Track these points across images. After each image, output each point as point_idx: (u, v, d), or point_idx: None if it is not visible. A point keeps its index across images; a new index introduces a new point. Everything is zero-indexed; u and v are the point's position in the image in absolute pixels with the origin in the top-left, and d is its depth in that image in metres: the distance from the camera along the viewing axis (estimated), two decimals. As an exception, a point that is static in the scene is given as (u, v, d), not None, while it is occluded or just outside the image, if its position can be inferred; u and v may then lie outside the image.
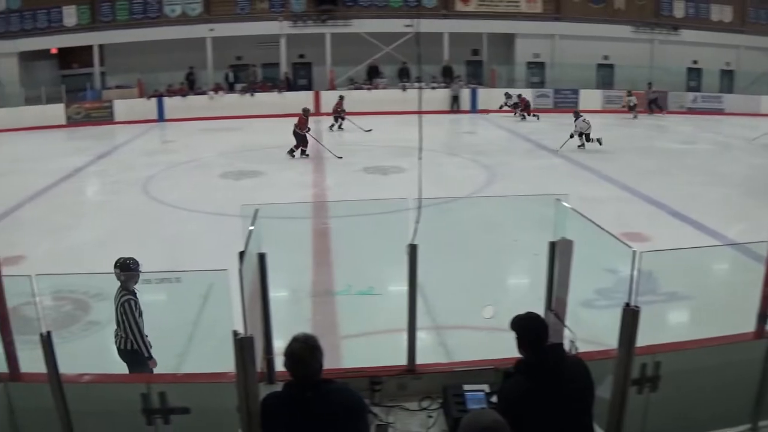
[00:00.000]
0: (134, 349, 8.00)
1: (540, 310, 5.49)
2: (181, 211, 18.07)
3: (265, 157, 25.20)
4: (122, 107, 36.99)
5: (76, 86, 38.30)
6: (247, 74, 40.15)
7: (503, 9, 39.82)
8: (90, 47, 39.15)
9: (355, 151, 26.19)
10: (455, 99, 37.51)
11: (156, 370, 6.71)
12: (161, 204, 19.11)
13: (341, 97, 33.53)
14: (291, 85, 39.57)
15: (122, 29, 38.67)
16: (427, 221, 5.42)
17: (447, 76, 38.94)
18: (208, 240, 15.06)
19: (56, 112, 36.18)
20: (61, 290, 12.12)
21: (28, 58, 39.35)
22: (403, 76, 38.90)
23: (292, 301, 11.72)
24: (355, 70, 39.82)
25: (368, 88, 38.83)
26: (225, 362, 4.61)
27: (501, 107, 36.08)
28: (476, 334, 9.34)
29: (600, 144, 25.04)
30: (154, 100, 37.28)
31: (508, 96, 36.41)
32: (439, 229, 8.97)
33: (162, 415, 5.49)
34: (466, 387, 5.36)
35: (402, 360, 5.85)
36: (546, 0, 40.01)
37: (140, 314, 8.02)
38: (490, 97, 36.85)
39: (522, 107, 35.39)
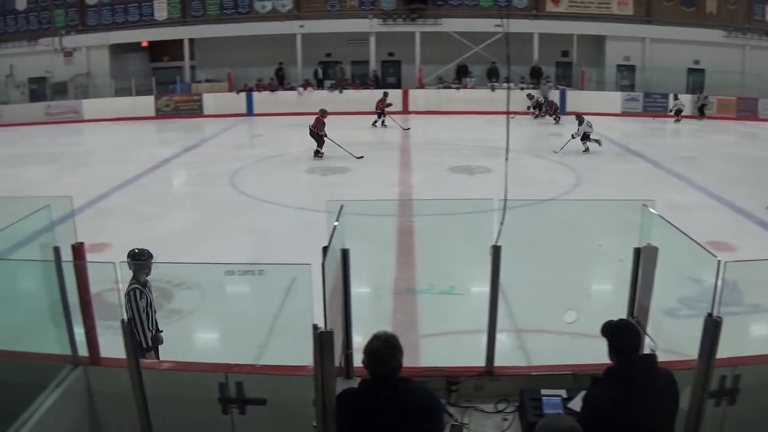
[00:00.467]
0: (135, 340, 7.85)
1: (622, 316, 5.40)
2: (267, 205, 18.22)
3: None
4: (211, 101, 37.49)
5: (166, 79, 39.01)
6: (335, 71, 40.37)
7: (594, 10, 39.19)
8: (180, 41, 39.80)
9: (443, 150, 26.09)
10: (543, 100, 37.08)
11: (235, 360, 6.74)
12: (247, 197, 19.31)
13: (385, 94, 33.69)
14: (380, 83, 39.53)
15: (213, 24, 39.21)
16: (511, 223, 5.37)
17: (536, 77, 38.55)
18: (292, 234, 15.15)
19: (146, 104, 36.88)
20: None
21: (119, 50, 40.25)
22: (492, 76, 38.64)
23: (373, 297, 11.71)
24: (444, 69, 39.64)
25: (457, 88, 38.64)
26: (304, 356, 4.62)
27: (528, 108, 35.48)
28: (556, 338, 9.24)
29: (599, 145, 24.58)
30: (243, 95, 37.71)
31: (530, 97, 35.93)
32: (523, 231, 8.86)
33: (238, 405, 5.52)
34: (543, 391, 5.28)
35: (480, 361, 5.80)
36: (637, 2, 39.23)
37: (148, 305, 8.05)
38: (580, 99, 36.31)
39: (551, 111, 34.89)
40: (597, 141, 24.62)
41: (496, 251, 5.42)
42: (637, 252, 5.66)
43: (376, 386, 4.37)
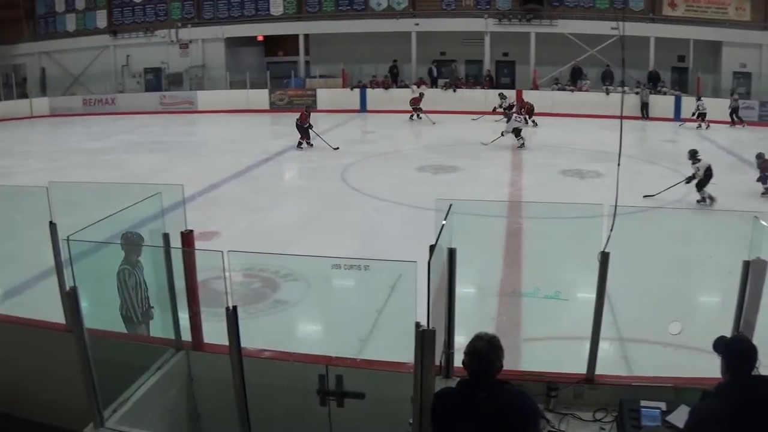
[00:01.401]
0: (128, 315, 8.40)
1: (728, 331, 5.27)
2: (376, 201, 18.32)
3: (464, 153, 25.23)
4: (325, 96, 37.85)
5: (281, 73, 39.52)
6: (449, 70, 40.32)
7: (711, 15, 38.04)
8: (295, 36, 40.26)
9: (556, 152, 25.82)
10: (645, 106, 36.36)
11: (336, 353, 6.80)
12: (357, 192, 19.44)
13: (421, 95, 34.74)
14: (494, 83, 39.31)
15: (328, 20, 39.51)
16: (621, 229, 5.29)
17: (652, 82, 37.79)
18: (400, 231, 15.23)
19: (260, 97, 37.43)
20: (253, 268, 12.50)
21: (234, 44, 41.02)
22: (607, 80, 38.00)
23: (477, 298, 11.65)
24: (558, 71, 39.17)
25: (571, 90, 38.17)
26: (405, 353, 4.64)
27: (494, 109, 34.72)
28: (659, 349, 9.09)
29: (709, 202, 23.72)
30: (357, 91, 37.96)
31: (502, 97, 35.24)
32: (633, 238, 8.73)
33: (336, 397, 5.56)
34: (643, 403, 5.19)
35: (581, 368, 5.74)
36: (755, 8, 38.10)
37: (137, 284, 8.24)
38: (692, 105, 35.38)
39: (524, 111, 33.58)
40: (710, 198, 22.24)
41: (604, 258, 5.35)
42: (746, 265, 5.50)
43: (473, 387, 4.36)
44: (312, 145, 26.99)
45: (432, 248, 4.58)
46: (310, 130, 27.08)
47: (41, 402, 8.85)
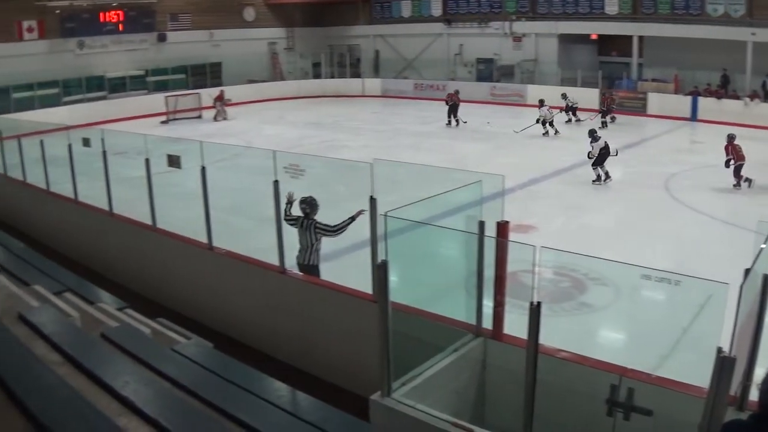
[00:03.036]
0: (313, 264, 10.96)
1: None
2: (697, 214, 17.71)
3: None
4: (656, 101, 36.72)
5: (612, 73, 38.80)
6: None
7: None
8: (629, 37, 39.26)
9: None
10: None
11: (632, 365, 6.65)
12: (679, 203, 18.88)
13: (457, 91, 34.48)
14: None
15: (662, 23, 38.24)
16: None
17: None
18: (716, 249, 14.61)
19: (590, 95, 36.85)
20: (564, 267, 12.49)
21: (567, 40, 40.79)
22: None
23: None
24: None
25: None
26: (701, 376, 4.50)
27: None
28: None
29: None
30: (688, 98, 36.59)
31: (564, 96, 33.22)
32: None
33: (624, 410, 5.47)
34: None
35: None
36: None
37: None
38: None
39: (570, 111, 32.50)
40: (606, 176, 21.27)
41: None
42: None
43: (765, 423, 4.13)
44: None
45: (747, 272, 4.41)
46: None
47: (335, 363, 9.33)
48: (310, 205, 10.88)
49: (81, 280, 11.31)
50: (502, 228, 6.70)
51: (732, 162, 20.04)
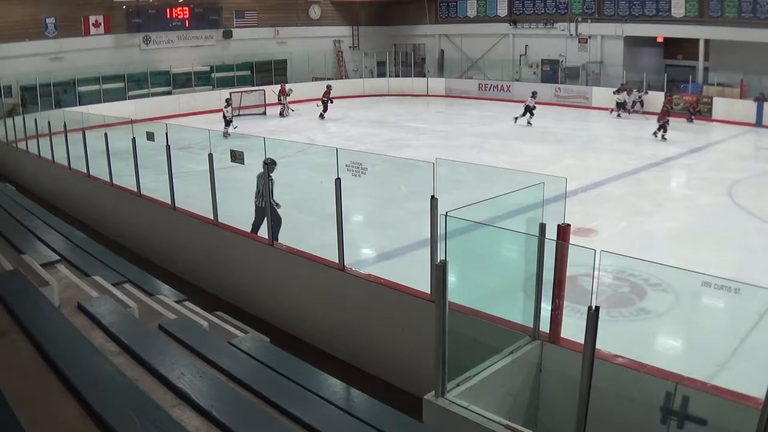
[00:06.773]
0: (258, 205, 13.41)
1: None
2: (761, 223, 17.42)
3: None
4: (721, 105, 36.20)
5: (678, 77, 38.32)
6: None
7: None
8: (696, 40, 38.72)
9: None
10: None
11: (689, 373, 6.59)
12: (742, 210, 18.58)
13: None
14: None
15: (729, 26, 37.61)
16: None
17: None
18: (779, 258, 14.38)
19: (655, 100, 36.44)
20: (624, 271, 12.40)
21: (633, 42, 40.34)
22: None
23: None
24: None
25: None
26: (759, 387, 4.45)
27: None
28: None
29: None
30: (754, 104, 36.03)
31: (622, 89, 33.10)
32: None
33: (678, 418, 5.43)
34: None
35: None
36: None
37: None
38: None
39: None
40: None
41: None
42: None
43: None
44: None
45: (806, 283, 4.36)
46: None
47: (390, 361, 9.34)
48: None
49: (141, 271, 11.45)
50: (563, 231, 6.67)
51: None
